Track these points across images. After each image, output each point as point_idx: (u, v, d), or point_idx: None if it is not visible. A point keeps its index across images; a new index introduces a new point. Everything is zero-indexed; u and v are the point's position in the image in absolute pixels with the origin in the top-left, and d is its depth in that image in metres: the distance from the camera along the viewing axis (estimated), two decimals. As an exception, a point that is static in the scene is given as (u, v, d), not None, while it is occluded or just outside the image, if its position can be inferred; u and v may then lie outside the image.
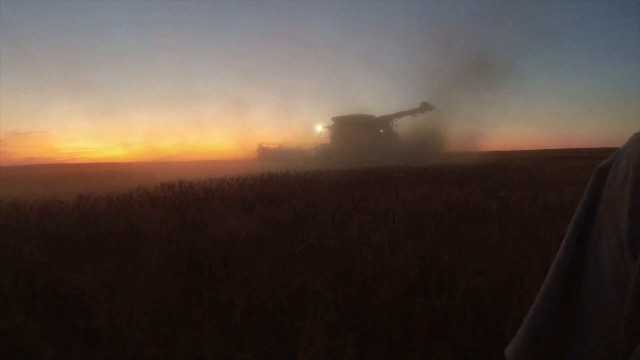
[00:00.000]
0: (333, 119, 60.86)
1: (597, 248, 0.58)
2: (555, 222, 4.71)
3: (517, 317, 2.71)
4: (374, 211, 6.01)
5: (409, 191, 8.67)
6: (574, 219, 0.64)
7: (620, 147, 0.58)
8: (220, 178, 14.44)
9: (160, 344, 2.80)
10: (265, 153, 65.04)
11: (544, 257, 3.22)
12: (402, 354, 2.87)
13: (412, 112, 54.79)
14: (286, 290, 3.12)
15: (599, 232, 0.58)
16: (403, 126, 57.77)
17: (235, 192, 10.20)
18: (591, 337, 0.57)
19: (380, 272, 3.24)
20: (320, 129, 63.37)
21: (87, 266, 3.34)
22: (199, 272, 3.79)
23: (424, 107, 53.40)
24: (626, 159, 0.55)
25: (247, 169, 22.65)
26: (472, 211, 6.14)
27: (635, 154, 0.53)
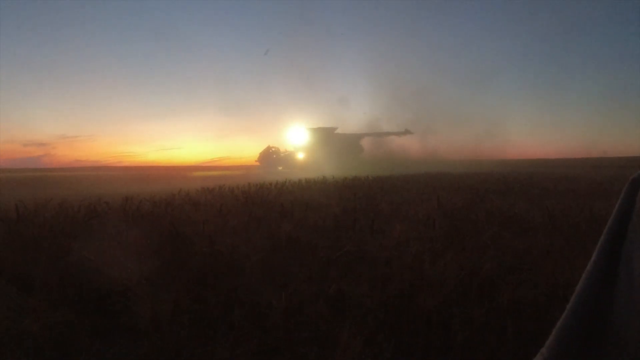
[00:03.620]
0: (311, 129, 66.07)
1: (630, 260, 0.57)
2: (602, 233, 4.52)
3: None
4: (413, 218, 5.95)
5: (449, 199, 8.54)
6: (605, 231, 0.63)
7: None
8: (258, 183, 14.63)
9: (201, 342, 2.86)
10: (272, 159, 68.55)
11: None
12: (439, 364, 2.82)
13: (397, 134, 66.53)
14: (324, 295, 3.12)
15: (632, 243, 0.57)
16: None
17: (273, 197, 10.30)
18: (623, 347, 0.55)
19: (420, 280, 3.20)
20: (296, 137, 67.53)
21: (132, 265, 3.46)
22: (240, 274, 3.85)
23: (407, 132, 65.73)
24: None
25: (286, 176, 22.82)
26: (516, 220, 5.98)
27: None
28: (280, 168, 60.85)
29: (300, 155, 64.79)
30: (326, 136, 64.25)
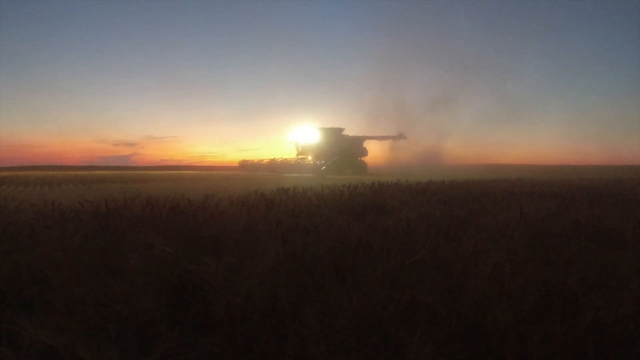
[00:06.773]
0: (320, 129, 65.03)
1: None
2: None
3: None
4: (491, 227, 5.70)
5: (530, 207, 8.08)
6: None
7: None
8: (330, 185, 14.70)
9: (270, 338, 2.91)
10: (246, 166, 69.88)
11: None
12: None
13: (393, 138, 70.50)
14: (396, 301, 3.06)
15: None
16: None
17: (346, 199, 10.30)
18: None
19: (498, 292, 3.06)
20: (300, 140, 67.21)
21: (209, 259, 3.59)
22: (311, 275, 3.87)
23: (401, 136, 70.06)
24: None
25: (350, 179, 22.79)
26: (605, 233, 5.55)
27: None
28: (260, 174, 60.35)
29: (302, 158, 64.71)
30: (334, 137, 63.48)
